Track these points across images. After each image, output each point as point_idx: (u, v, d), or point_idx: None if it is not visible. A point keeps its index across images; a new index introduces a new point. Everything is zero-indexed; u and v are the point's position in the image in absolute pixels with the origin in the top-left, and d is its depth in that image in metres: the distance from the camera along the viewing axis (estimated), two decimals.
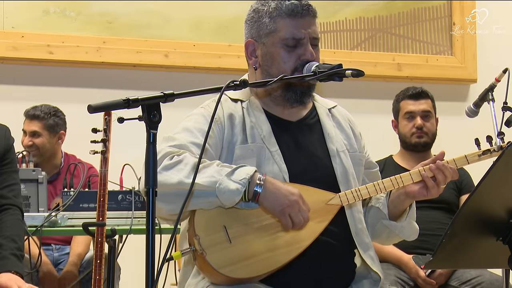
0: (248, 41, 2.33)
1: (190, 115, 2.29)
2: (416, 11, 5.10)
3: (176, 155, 2.09)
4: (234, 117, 2.28)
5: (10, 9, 4.34)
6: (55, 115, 4.03)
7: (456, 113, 4.60)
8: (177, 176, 2.04)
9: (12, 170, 2.65)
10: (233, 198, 2.04)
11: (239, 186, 2.03)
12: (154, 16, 4.60)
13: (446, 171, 2.26)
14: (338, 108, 2.47)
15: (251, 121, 2.28)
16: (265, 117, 2.30)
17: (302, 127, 2.34)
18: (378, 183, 2.26)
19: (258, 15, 2.30)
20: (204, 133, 2.16)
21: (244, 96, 2.34)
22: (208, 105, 2.31)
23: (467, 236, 2.01)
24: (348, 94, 4.64)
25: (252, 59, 2.33)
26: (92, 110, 1.69)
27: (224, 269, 2.05)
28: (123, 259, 3.56)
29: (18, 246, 2.54)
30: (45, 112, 4.00)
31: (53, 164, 4.04)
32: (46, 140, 3.99)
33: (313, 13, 2.29)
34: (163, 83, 4.53)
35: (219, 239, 2.07)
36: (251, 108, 2.30)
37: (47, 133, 3.99)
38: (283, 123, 2.32)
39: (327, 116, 2.40)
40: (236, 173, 2.05)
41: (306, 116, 2.37)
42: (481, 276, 3.42)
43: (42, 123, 3.98)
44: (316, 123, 2.37)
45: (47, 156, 4.01)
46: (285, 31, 2.25)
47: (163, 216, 2.14)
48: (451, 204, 3.73)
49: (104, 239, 2.92)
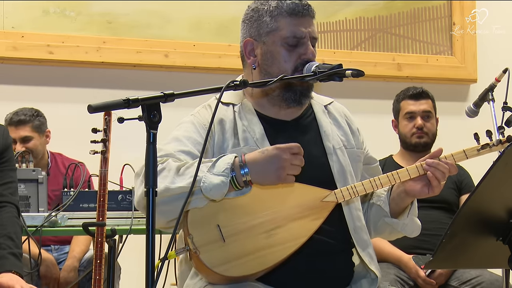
0: (247, 40, 2.32)
1: (180, 124, 2.29)
2: (416, 11, 5.10)
3: (160, 164, 2.07)
4: (225, 121, 2.27)
5: (10, 9, 4.34)
6: (38, 115, 3.98)
7: (456, 113, 4.60)
8: (163, 184, 2.03)
9: (9, 168, 2.66)
10: (221, 191, 2.02)
11: (223, 178, 2.01)
12: (154, 16, 4.60)
13: (440, 167, 2.23)
14: (334, 104, 2.47)
15: (243, 125, 2.27)
16: (258, 119, 2.29)
17: (298, 126, 2.34)
18: (375, 179, 2.25)
19: (258, 14, 2.30)
20: (193, 141, 2.18)
21: (236, 99, 2.33)
22: (198, 112, 2.31)
23: (467, 236, 2.01)
24: (348, 94, 4.64)
25: (250, 58, 2.31)
26: (92, 110, 1.69)
27: (218, 267, 2.05)
28: (123, 259, 3.56)
29: (16, 244, 2.54)
30: (28, 114, 3.94)
31: (41, 164, 3.96)
32: (38, 142, 3.95)
33: (312, 14, 2.30)
34: (163, 83, 4.53)
35: (212, 238, 2.06)
36: (243, 112, 2.30)
37: (36, 134, 3.95)
38: (278, 124, 2.32)
39: (323, 113, 2.39)
40: (217, 166, 2.03)
41: (302, 114, 2.37)
42: (481, 276, 3.42)
43: (30, 126, 3.93)
44: (312, 121, 2.37)
45: (39, 157, 3.96)
46: (287, 29, 2.25)
47: (161, 226, 2.13)
48: (451, 204, 3.73)
49: (104, 239, 2.92)
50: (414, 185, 2.27)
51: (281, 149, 2.04)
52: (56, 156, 4.10)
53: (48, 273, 3.73)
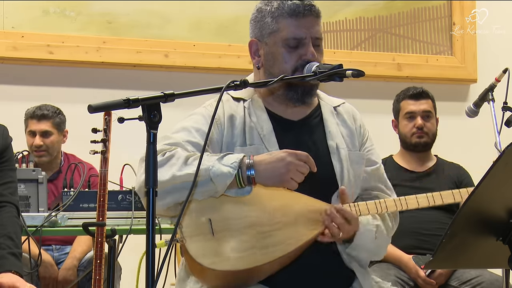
0: (252, 41, 2.33)
1: (191, 114, 2.30)
2: (416, 11, 5.10)
3: (168, 152, 2.11)
4: (235, 117, 2.28)
5: (10, 9, 4.34)
6: (60, 113, 4.07)
7: (456, 113, 4.60)
8: (170, 171, 2.06)
9: (9, 168, 2.66)
10: (225, 182, 2.04)
11: (230, 169, 2.04)
12: (154, 16, 4.60)
13: (336, 220, 2.16)
14: (345, 105, 2.46)
15: (252, 121, 2.27)
16: (267, 116, 2.30)
17: (304, 126, 2.34)
18: (380, 202, 2.23)
19: (261, 14, 2.30)
20: (202, 133, 2.18)
21: (246, 94, 2.34)
22: (210, 104, 2.32)
23: (467, 236, 2.01)
24: (348, 94, 4.62)
25: (255, 58, 2.33)
26: (92, 110, 1.69)
27: (203, 259, 2.05)
28: (123, 259, 3.56)
29: (16, 243, 2.54)
30: (52, 111, 4.03)
31: (55, 162, 4.06)
32: (55, 138, 4.03)
33: (315, 13, 2.28)
34: (163, 83, 4.53)
35: (202, 230, 2.08)
36: (253, 107, 2.30)
37: (56, 131, 4.03)
38: (286, 123, 2.32)
39: (331, 114, 2.38)
40: (226, 159, 2.07)
41: (310, 115, 2.37)
42: (481, 276, 3.42)
43: (51, 122, 4.01)
44: (320, 122, 2.36)
45: (54, 155, 4.04)
46: (287, 31, 2.25)
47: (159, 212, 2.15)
48: (451, 204, 3.72)
49: (104, 239, 2.92)
50: None
51: (289, 153, 2.07)
52: (69, 157, 4.15)
53: (47, 274, 3.73)
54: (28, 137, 4.01)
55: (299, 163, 2.07)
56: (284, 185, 2.08)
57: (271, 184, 2.08)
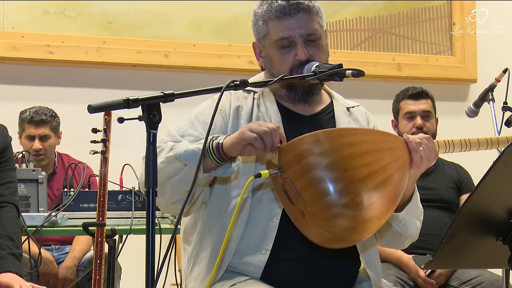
0: (254, 43, 2.33)
1: (199, 106, 2.29)
2: (416, 11, 5.11)
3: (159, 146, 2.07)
4: (242, 108, 2.25)
5: (10, 9, 4.35)
6: (56, 116, 4.07)
7: (456, 113, 4.60)
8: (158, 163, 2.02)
9: (8, 168, 2.66)
10: (194, 157, 1.96)
11: (199, 145, 1.98)
12: (154, 16, 4.60)
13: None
14: (359, 107, 2.43)
15: (260, 111, 2.25)
16: (277, 107, 2.27)
17: (314, 121, 2.30)
18: (448, 140, 2.18)
19: (255, 18, 2.29)
20: (205, 125, 2.16)
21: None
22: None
23: (467, 236, 2.01)
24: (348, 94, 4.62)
25: (259, 60, 2.33)
26: (92, 110, 1.69)
27: None
28: (123, 259, 3.56)
29: (16, 244, 2.54)
30: (49, 115, 4.02)
31: (49, 164, 4.06)
32: (53, 141, 4.04)
33: (305, 9, 2.21)
34: (163, 83, 4.53)
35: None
36: (263, 99, 2.28)
37: (53, 134, 4.04)
38: (296, 116, 2.29)
39: (344, 113, 2.35)
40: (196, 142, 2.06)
41: (321, 111, 2.34)
42: (481, 276, 3.42)
43: (49, 126, 4.01)
44: (331, 119, 2.33)
45: (51, 157, 4.05)
46: (274, 33, 2.22)
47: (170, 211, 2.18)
48: (451, 204, 3.73)
49: (104, 239, 2.92)
50: None
51: (257, 122, 2.00)
52: (62, 156, 4.16)
53: (47, 270, 3.73)
54: (25, 140, 4.00)
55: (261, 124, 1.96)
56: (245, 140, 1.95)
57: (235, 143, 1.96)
